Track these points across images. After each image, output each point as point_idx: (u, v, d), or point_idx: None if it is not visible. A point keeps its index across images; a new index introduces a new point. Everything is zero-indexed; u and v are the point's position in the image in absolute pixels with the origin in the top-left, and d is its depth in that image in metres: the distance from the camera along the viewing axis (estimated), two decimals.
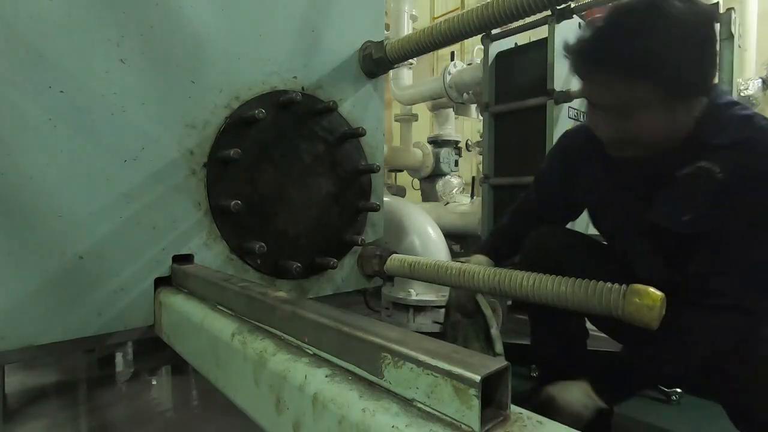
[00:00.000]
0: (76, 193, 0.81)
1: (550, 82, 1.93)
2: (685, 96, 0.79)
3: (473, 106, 3.24)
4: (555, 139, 1.96)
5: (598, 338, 1.13)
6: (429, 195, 3.72)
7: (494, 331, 1.04)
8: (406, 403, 0.41)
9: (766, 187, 0.80)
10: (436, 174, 3.65)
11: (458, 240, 3.00)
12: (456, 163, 3.64)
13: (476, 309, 1.07)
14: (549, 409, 0.90)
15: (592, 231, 1.13)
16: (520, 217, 1.18)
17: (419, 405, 0.40)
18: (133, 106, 0.86)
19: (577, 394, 0.88)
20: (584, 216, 1.13)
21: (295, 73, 1.08)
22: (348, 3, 1.17)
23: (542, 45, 1.98)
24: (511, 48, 2.24)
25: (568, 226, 1.18)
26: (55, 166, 0.79)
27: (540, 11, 0.82)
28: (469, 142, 3.95)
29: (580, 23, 2.35)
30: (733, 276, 0.82)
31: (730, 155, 0.81)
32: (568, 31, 2.11)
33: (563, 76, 1.98)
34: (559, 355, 1.07)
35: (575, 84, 2.00)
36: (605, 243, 1.10)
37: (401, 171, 3.98)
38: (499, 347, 1.03)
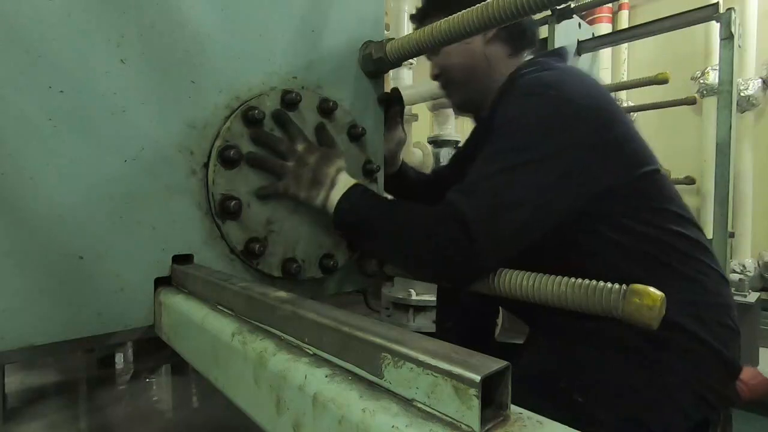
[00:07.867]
0: (76, 193, 0.81)
1: None
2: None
3: None
4: None
5: None
6: None
7: None
8: (406, 403, 0.41)
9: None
10: None
11: None
12: None
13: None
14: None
15: None
16: None
17: (419, 405, 0.40)
18: (133, 106, 0.86)
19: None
20: None
21: (295, 73, 1.08)
22: (348, 3, 1.17)
23: (542, 45, 1.98)
24: None
25: None
26: (55, 166, 0.79)
27: (540, 11, 0.82)
28: None
29: (579, 23, 2.34)
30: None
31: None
32: (568, 31, 2.10)
33: None
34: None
35: None
36: None
37: None
38: None
